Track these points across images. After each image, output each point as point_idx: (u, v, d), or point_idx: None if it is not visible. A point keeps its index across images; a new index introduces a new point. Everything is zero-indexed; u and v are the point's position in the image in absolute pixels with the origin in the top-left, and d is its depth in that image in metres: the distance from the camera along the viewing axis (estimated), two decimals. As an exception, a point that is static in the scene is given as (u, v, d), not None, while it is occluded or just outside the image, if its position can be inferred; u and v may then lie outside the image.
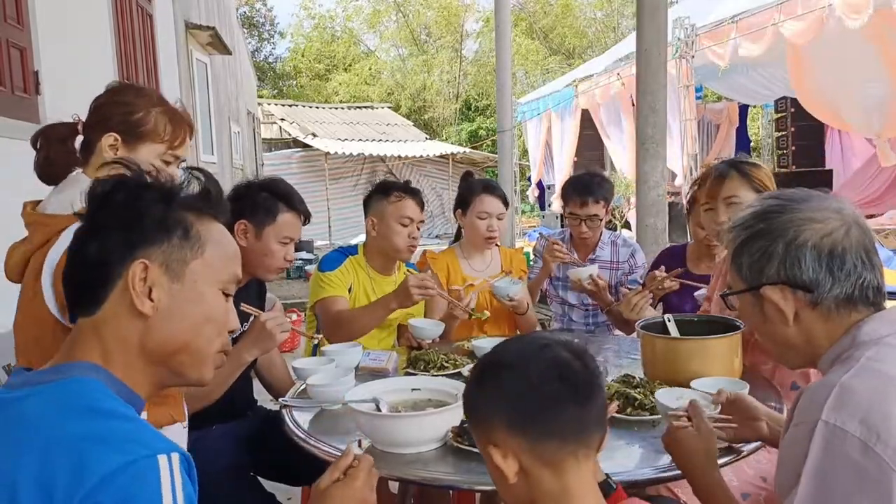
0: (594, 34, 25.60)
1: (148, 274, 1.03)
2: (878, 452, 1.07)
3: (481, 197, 3.09)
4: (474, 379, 1.22)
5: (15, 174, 3.53)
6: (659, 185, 5.06)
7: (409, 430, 1.71)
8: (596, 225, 3.23)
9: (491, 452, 1.13)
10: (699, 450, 1.49)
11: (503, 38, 9.75)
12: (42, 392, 0.95)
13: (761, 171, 2.36)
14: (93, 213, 1.07)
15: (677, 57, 8.01)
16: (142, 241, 1.04)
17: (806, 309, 1.26)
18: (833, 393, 1.14)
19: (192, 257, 1.07)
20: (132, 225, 1.04)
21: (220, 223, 1.14)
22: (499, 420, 1.13)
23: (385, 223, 2.84)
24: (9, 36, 3.51)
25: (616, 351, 2.65)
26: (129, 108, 1.76)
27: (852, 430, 1.09)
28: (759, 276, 1.29)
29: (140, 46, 5.97)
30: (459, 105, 25.98)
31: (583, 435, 1.13)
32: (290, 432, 1.93)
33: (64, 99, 3.97)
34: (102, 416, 0.92)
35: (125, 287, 1.03)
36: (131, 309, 1.03)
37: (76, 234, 1.08)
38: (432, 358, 2.41)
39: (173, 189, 1.10)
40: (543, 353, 1.15)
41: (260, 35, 28.51)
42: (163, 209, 1.07)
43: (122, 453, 0.87)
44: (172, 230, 1.06)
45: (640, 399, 1.89)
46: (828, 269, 1.24)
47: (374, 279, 2.90)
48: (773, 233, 1.28)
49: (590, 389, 1.15)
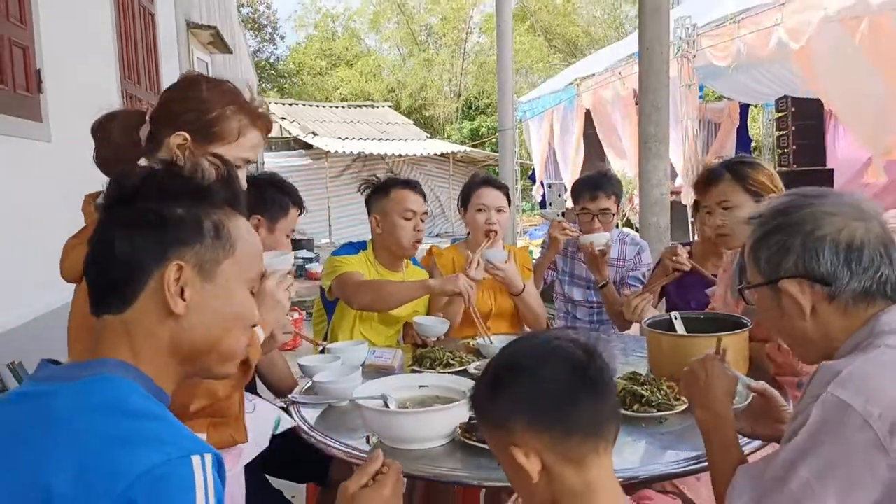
0: (597, 33, 25.58)
1: (182, 275, 1.02)
2: (873, 427, 1.11)
3: (479, 190, 3.03)
4: (488, 382, 1.21)
5: (19, 172, 3.54)
6: (662, 184, 5.07)
7: (416, 427, 1.72)
8: (608, 220, 3.23)
9: (513, 453, 1.12)
10: (725, 383, 1.47)
11: (504, 37, 9.76)
12: (72, 389, 0.94)
13: (759, 172, 2.34)
14: (123, 210, 1.06)
15: (679, 56, 8.00)
16: (176, 242, 1.03)
17: (823, 303, 1.27)
18: (845, 371, 1.17)
19: (224, 257, 1.06)
20: (166, 225, 1.03)
21: (244, 218, 1.14)
22: (519, 420, 1.12)
23: (388, 219, 2.84)
24: (11, 34, 3.51)
25: (622, 349, 2.64)
26: (202, 106, 1.61)
27: (856, 405, 1.13)
28: (777, 269, 1.30)
29: (142, 45, 5.97)
30: (460, 104, 25.99)
31: (601, 428, 1.14)
32: (298, 429, 1.94)
33: (66, 97, 3.97)
34: (135, 416, 0.92)
35: (158, 287, 1.02)
36: (163, 308, 1.02)
37: (102, 230, 1.06)
38: (438, 355, 2.41)
39: (204, 186, 1.09)
40: (555, 351, 1.16)
41: (262, 37, 28.49)
42: (195, 208, 1.06)
43: (157, 453, 0.86)
44: (206, 230, 1.05)
45: (647, 396, 1.89)
46: (846, 262, 1.24)
47: (382, 275, 2.90)
48: (792, 226, 1.28)
49: (604, 383, 1.15)
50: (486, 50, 25.25)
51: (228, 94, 1.64)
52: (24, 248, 3.41)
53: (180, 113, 1.59)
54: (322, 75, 27.58)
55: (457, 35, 26.67)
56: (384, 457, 1.24)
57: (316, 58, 27.90)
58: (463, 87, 26.29)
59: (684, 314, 2.27)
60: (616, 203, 3.26)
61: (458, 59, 26.20)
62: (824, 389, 1.17)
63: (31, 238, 3.45)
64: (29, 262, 3.27)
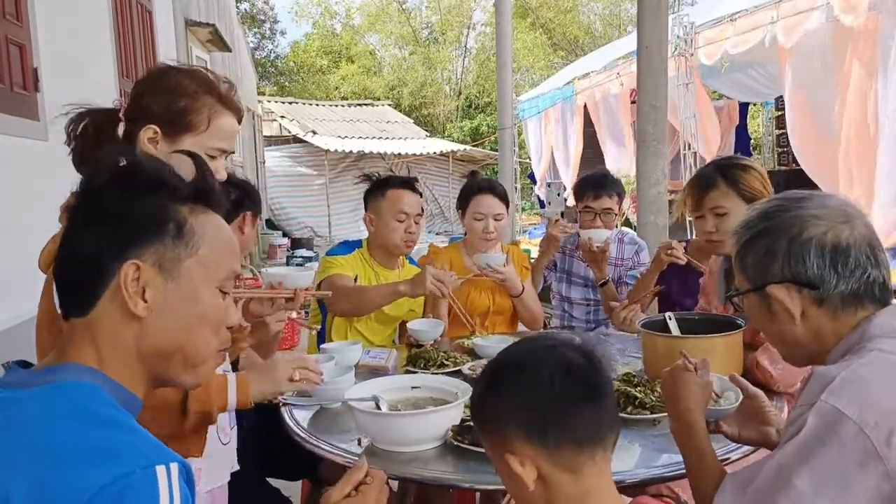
0: (597, 31, 25.55)
1: (141, 274, 0.98)
2: (869, 436, 1.09)
3: (477, 198, 3.02)
4: (484, 387, 1.19)
5: (15, 171, 3.53)
6: (660, 183, 5.06)
7: (408, 429, 1.70)
8: (610, 220, 3.23)
9: (508, 460, 1.11)
10: (695, 392, 1.46)
11: (504, 35, 9.75)
12: (34, 396, 0.91)
13: (751, 176, 2.30)
14: (86, 208, 1.02)
15: (676, 55, 7.99)
16: (133, 240, 0.99)
17: (812, 307, 1.26)
18: (839, 377, 1.15)
19: (187, 255, 1.01)
20: (123, 222, 0.99)
21: (216, 215, 1.08)
22: (515, 427, 1.11)
23: (381, 219, 2.84)
24: (8, 32, 3.50)
25: (621, 349, 2.62)
26: (170, 97, 1.56)
27: (850, 414, 1.11)
28: (765, 274, 1.29)
29: (140, 43, 5.96)
30: (461, 102, 25.97)
31: (599, 435, 1.12)
32: (290, 430, 1.93)
33: (63, 96, 3.96)
34: (97, 425, 0.88)
35: (118, 288, 0.98)
36: (124, 310, 0.98)
37: (67, 228, 1.04)
38: (432, 356, 2.40)
39: (165, 180, 1.03)
40: (551, 356, 1.14)
41: (262, 33, 28.46)
42: (155, 205, 1.01)
43: (119, 465, 0.83)
44: (164, 227, 1.00)
45: (641, 398, 1.88)
46: (832, 265, 1.23)
47: (378, 273, 2.90)
48: (777, 230, 1.27)
49: (602, 389, 1.14)
50: (487, 48, 25.22)
51: (197, 82, 1.59)
52: (22, 246, 3.40)
53: (150, 106, 1.55)
54: (323, 73, 27.55)
55: (458, 32, 26.65)
56: (375, 460, 1.23)
57: (316, 55, 27.87)
58: (463, 85, 26.26)
59: (679, 315, 2.26)
60: (618, 203, 3.27)
61: (458, 56, 26.17)
62: (818, 398, 1.15)
63: (27, 236, 3.44)
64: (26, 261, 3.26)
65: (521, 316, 3.09)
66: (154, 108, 1.55)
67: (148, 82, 1.61)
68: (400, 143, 17.19)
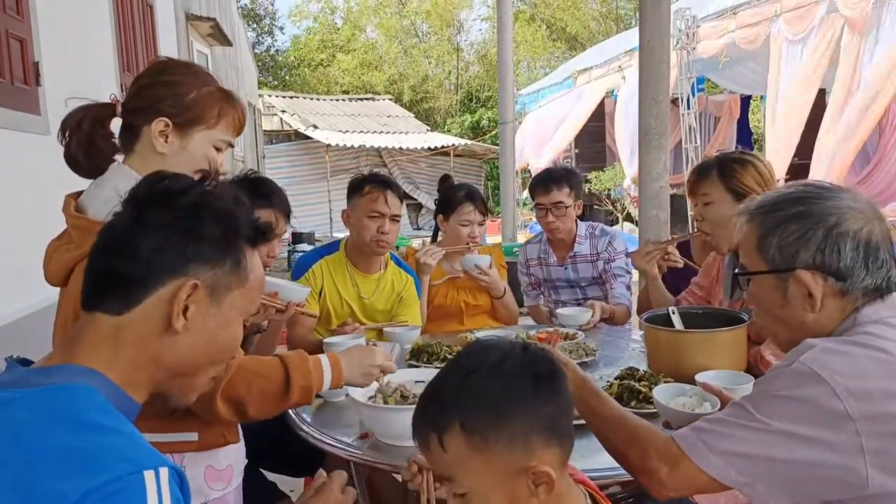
0: (597, 27, 25.49)
1: (194, 293, 1.00)
2: (840, 398, 1.12)
3: (464, 206, 3.18)
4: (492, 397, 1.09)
5: (16, 165, 3.53)
6: (661, 177, 5.04)
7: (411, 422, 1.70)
8: (562, 213, 3.16)
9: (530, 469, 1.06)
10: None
11: (504, 30, 9.73)
12: (29, 397, 0.90)
13: (747, 171, 2.29)
14: (158, 210, 1.02)
15: (678, 48, 7.98)
16: (199, 258, 1.01)
17: (831, 296, 1.27)
18: (821, 345, 1.19)
19: (237, 286, 1.05)
20: (195, 237, 1.01)
21: (257, 254, 1.12)
22: (538, 433, 1.06)
23: (356, 216, 2.81)
24: (8, 27, 3.50)
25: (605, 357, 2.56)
26: (179, 90, 1.53)
27: (825, 375, 1.14)
28: (793, 259, 1.28)
29: (140, 37, 5.95)
30: (461, 96, 25.92)
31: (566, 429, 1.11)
32: (294, 425, 1.93)
33: (64, 90, 3.96)
34: (90, 430, 0.88)
35: (165, 297, 0.99)
36: (164, 321, 0.99)
37: (130, 223, 1.02)
38: (435, 350, 2.40)
39: (242, 210, 1.07)
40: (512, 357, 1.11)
41: (261, 28, 28.41)
42: (226, 232, 1.04)
43: (106, 470, 0.83)
44: (228, 256, 1.04)
45: (645, 392, 1.88)
46: (864, 259, 1.25)
47: (353, 276, 2.86)
48: (814, 217, 1.27)
49: (557, 381, 1.11)
50: (488, 41, 25.18)
51: (202, 77, 1.59)
52: (21, 241, 3.40)
53: (157, 99, 1.51)
54: (324, 67, 27.52)
55: (458, 26, 26.61)
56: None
57: (317, 50, 27.83)
58: (464, 79, 26.22)
59: (682, 309, 2.25)
60: (573, 196, 3.19)
61: (459, 50, 26.13)
62: (797, 359, 1.18)
63: (27, 232, 3.44)
64: (26, 256, 3.26)
65: (499, 314, 3.26)
66: (162, 101, 1.52)
67: (151, 75, 1.58)
68: (401, 137, 17.15)
